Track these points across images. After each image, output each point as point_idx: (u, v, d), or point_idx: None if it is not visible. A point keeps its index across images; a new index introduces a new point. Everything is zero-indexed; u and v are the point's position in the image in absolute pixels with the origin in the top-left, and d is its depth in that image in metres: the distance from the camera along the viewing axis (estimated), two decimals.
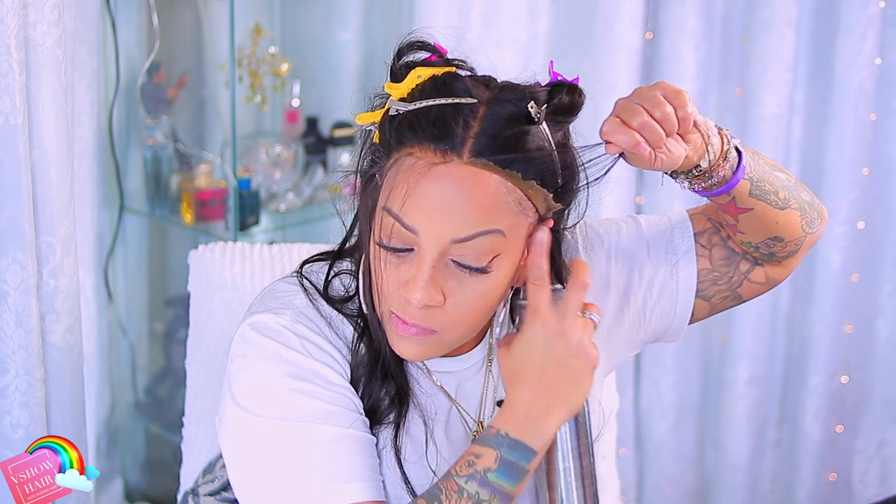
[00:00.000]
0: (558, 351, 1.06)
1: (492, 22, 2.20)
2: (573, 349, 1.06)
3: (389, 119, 1.06)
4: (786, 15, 2.19)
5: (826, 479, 2.44)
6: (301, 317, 1.13)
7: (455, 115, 1.02)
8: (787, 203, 1.17)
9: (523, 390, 1.06)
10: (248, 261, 1.63)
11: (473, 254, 1.04)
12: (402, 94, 1.06)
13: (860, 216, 2.29)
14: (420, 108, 1.04)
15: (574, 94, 1.07)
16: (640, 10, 2.22)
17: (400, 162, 1.05)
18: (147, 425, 2.43)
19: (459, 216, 1.02)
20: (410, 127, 1.04)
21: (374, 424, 1.14)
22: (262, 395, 1.09)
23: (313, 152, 2.42)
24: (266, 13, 2.41)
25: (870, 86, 2.21)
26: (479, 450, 1.06)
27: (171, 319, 2.40)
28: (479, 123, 1.02)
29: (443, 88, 1.05)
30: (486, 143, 1.02)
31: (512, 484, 1.06)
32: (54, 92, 1.43)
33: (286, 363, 1.10)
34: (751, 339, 2.36)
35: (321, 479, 1.06)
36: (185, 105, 2.34)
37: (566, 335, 1.06)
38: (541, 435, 1.06)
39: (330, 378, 1.11)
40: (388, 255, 1.07)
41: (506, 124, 1.03)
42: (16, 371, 1.46)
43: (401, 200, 1.03)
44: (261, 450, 1.08)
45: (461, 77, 1.06)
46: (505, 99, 1.04)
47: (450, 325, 1.07)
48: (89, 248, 2.19)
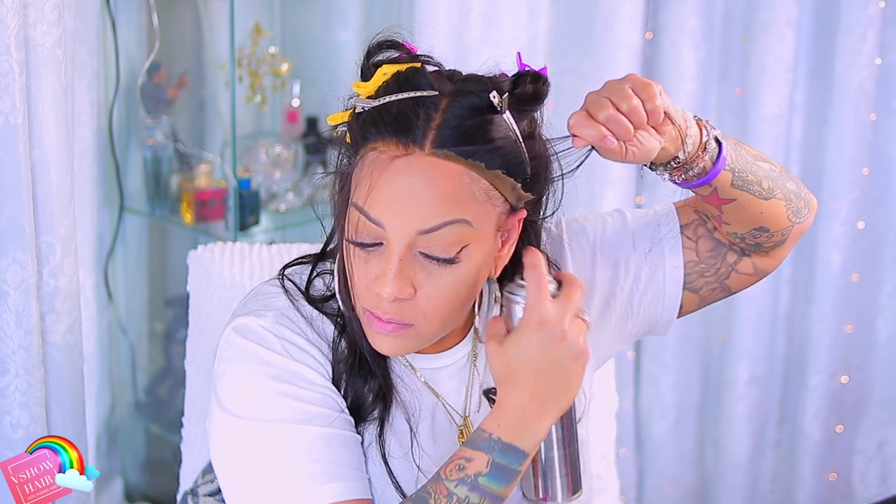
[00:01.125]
0: (557, 354, 1.04)
1: (492, 22, 2.20)
2: (572, 352, 1.04)
3: (356, 117, 1.07)
4: (786, 15, 2.19)
5: (826, 479, 2.44)
6: (282, 318, 1.13)
7: (416, 108, 1.03)
8: (771, 193, 1.17)
9: (517, 392, 1.04)
10: (248, 261, 1.63)
11: (441, 244, 1.04)
12: (370, 93, 1.07)
13: (860, 216, 2.28)
14: (383, 104, 1.04)
15: (538, 82, 1.07)
16: (640, 10, 2.22)
17: (365, 157, 1.05)
18: (147, 425, 2.43)
19: (424, 207, 1.02)
20: (373, 122, 1.04)
21: (359, 422, 1.14)
22: (245, 397, 1.10)
23: (313, 152, 2.42)
24: (266, 13, 2.41)
25: (870, 86, 2.21)
26: (469, 453, 1.05)
27: (171, 319, 2.40)
28: (441, 115, 1.02)
29: (405, 84, 1.05)
30: (448, 134, 1.02)
31: (503, 486, 1.05)
32: (54, 92, 1.43)
33: (268, 365, 1.10)
34: (751, 339, 2.36)
35: (306, 479, 1.06)
36: (185, 105, 2.34)
37: (566, 338, 1.04)
38: (533, 437, 1.05)
39: (311, 378, 1.11)
40: (357, 251, 1.07)
41: (468, 115, 1.03)
42: (16, 371, 1.46)
43: (365, 195, 1.04)
44: (246, 452, 1.09)
45: (424, 71, 1.06)
46: (467, 90, 1.04)
47: (423, 317, 1.07)
48: (89, 248, 2.19)
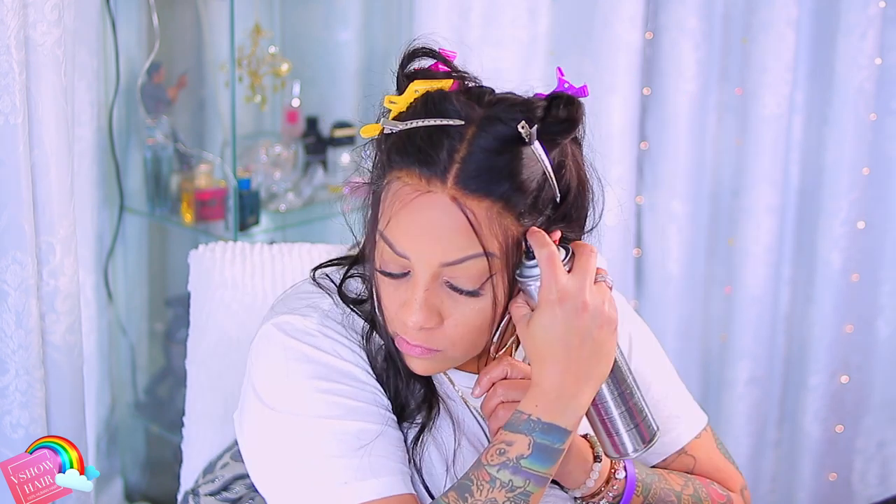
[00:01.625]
0: (583, 325, 1.02)
1: (492, 22, 2.20)
2: (598, 321, 1.02)
3: (384, 137, 1.05)
4: (786, 15, 2.19)
5: (826, 479, 2.44)
6: (328, 319, 1.13)
7: (441, 138, 1.00)
8: None
9: (550, 371, 1.03)
10: (249, 261, 1.63)
11: (465, 276, 1.03)
12: (400, 109, 1.05)
13: (860, 216, 2.29)
14: (409, 130, 1.02)
15: (572, 106, 1.03)
16: (640, 10, 2.22)
17: (391, 185, 1.04)
18: (147, 425, 2.43)
19: (446, 242, 1.01)
20: (398, 150, 1.03)
21: (400, 423, 1.14)
22: (287, 394, 1.09)
23: (313, 152, 2.42)
24: (266, 13, 2.41)
25: (870, 86, 2.21)
26: (510, 437, 1.04)
27: (171, 319, 2.40)
28: (467, 147, 1.00)
29: (432, 108, 1.02)
30: (472, 170, 1.00)
31: (546, 466, 1.03)
32: (54, 92, 1.43)
33: (314, 363, 1.10)
34: (751, 339, 2.36)
35: (353, 473, 1.05)
36: (185, 105, 2.34)
37: (588, 308, 1.02)
38: (574, 413, 1.03)
39: (360, 377, 1.11)
40: (387, 279, 1.07)
41: (494, 147, 1.00)
42: (16, 371, 1.46)
43: (391, 227, 1.03)
44: (289, 448, 1.08)
45: (453, 96, 1.03)
46: (495, 118, 1.01)
47: (451, 343, 1.07)
48: (89, 248, 2.19)
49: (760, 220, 2.30)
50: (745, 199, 2.31)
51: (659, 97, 2.30)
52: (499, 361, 1.12)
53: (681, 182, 2.31)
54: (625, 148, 2.26)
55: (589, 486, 1.14)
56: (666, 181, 2.32)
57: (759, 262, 2.31)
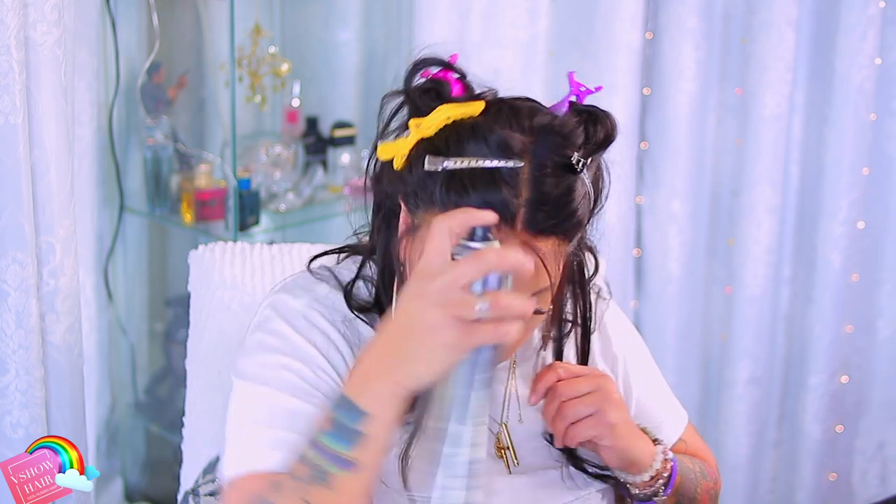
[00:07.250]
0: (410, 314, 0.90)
1: (492, 22, 2.20)
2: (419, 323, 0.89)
3: (427, 175, 1.02)
4: (786, 15, 2.19)
5: (826, 479, 2.44)
6: (316, 303, 1.15)
7: (499, 180, 0.99)
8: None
9: (373, 344, 0.95)
10: (249, 261, 1.63)
11: None
12: (428, 134, 1.03)
13: (860, 216, 2.29)
14: (463, 169, 1.00)
15: (607, 122, 1.07)
16: (640, 10, 2.22)
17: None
18: (147, 425, 2.43)
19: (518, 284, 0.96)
20: (457, 191, 1.00)
21: None
22: (250, 361, 1.13)
23: (313, 152, 2.42)
24: (266, 13, 2.41)
25: (870, 86, 2.21)
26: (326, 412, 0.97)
27: (171, 319, 2.40)
28: (527, 188, 1.00)
29: (482, 141, 1.01)
30: (537, 211, 1.00)
31: (346, 447, 0.93)
32: (54, 92, 1.43)
33: (281, 338, 1.12)
34: (751, 339, 2.36)
35: (269, 443, 1.06)
36: (185, 105, 2.34)
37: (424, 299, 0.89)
38: (375, 397, 0.92)
39: (320, 364, 1.11)
40: None
41: (552, 183, 1.01)
42: (16, 371, 1.46)
43: None
44: (234, 408, 1.12)
45: (495, 126, 1.02)
46: (545, 148, 1.01)
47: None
48: (89, 248, 2.19)
49: (760, 219, 2.30)
50: (745, 198, 2.31)
51: (659, 97, 2.30)
52: (549, 367, 1.17)
53: (681, 182, 2.31)
54: (625, 148, 2.26)
55: (656, 468, 1.19)
56: (666, 181, 2.32)
57: (759, 261, 2.32)
